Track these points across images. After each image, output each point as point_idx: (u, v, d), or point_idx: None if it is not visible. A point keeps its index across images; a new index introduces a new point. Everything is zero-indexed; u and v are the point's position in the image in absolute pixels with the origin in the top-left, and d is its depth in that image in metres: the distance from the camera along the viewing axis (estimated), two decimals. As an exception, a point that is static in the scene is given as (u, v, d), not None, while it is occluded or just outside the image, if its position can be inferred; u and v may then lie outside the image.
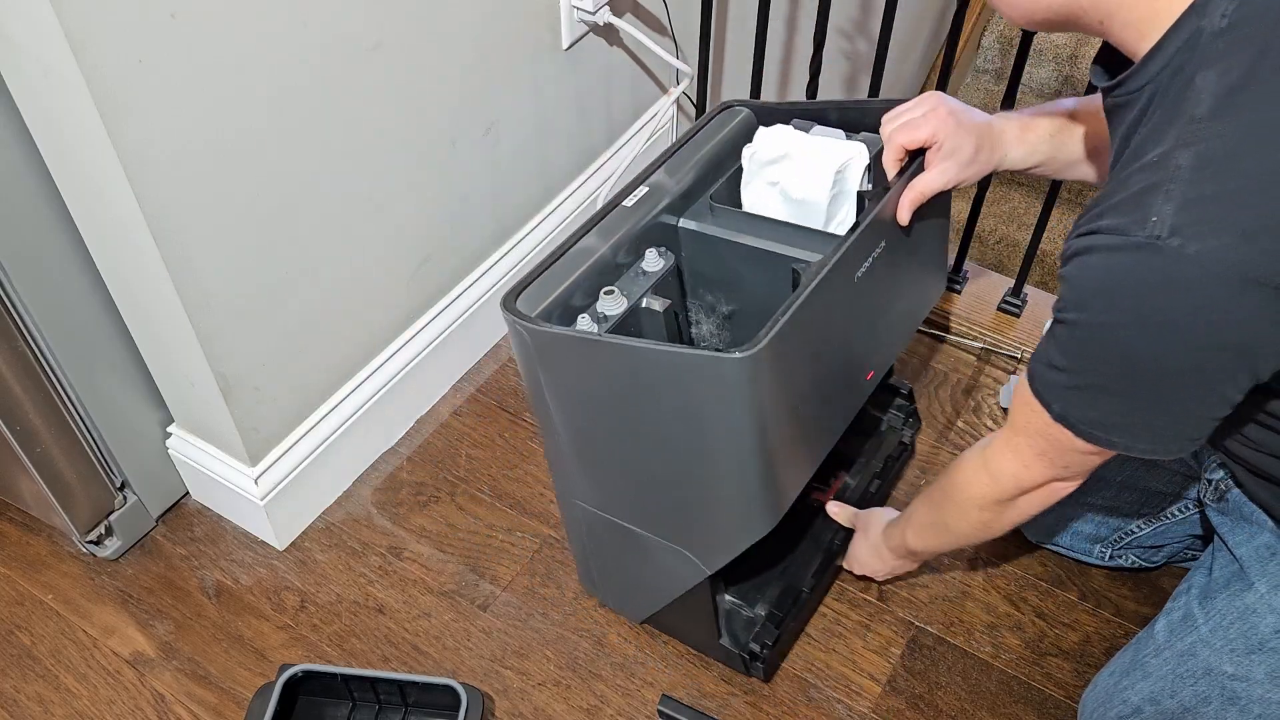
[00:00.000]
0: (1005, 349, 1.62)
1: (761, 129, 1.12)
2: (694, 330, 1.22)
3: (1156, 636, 1.07)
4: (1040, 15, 0.83)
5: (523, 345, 0.97)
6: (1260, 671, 0.97)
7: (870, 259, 1.01)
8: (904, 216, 1.03)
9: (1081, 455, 0.88)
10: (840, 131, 1.13)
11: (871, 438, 1.42)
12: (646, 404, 0.95)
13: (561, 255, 1.01)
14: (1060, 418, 0.85)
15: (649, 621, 1.30)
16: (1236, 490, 1.04)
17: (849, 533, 1.29)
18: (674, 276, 1.09)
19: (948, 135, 1.02)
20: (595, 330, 0.98)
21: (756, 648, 1.22)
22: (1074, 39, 3.06)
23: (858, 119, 1.14)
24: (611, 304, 1.00)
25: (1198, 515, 1.21)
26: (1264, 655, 0.97)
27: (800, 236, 1.08)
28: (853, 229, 0.98)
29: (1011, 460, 0.94)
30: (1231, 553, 1.03)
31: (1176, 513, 1.22)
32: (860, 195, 1.09)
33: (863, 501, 1.34)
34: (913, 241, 1.10)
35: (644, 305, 1.04)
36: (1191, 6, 0.73)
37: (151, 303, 1.13)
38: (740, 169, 1.16)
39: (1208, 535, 1.27)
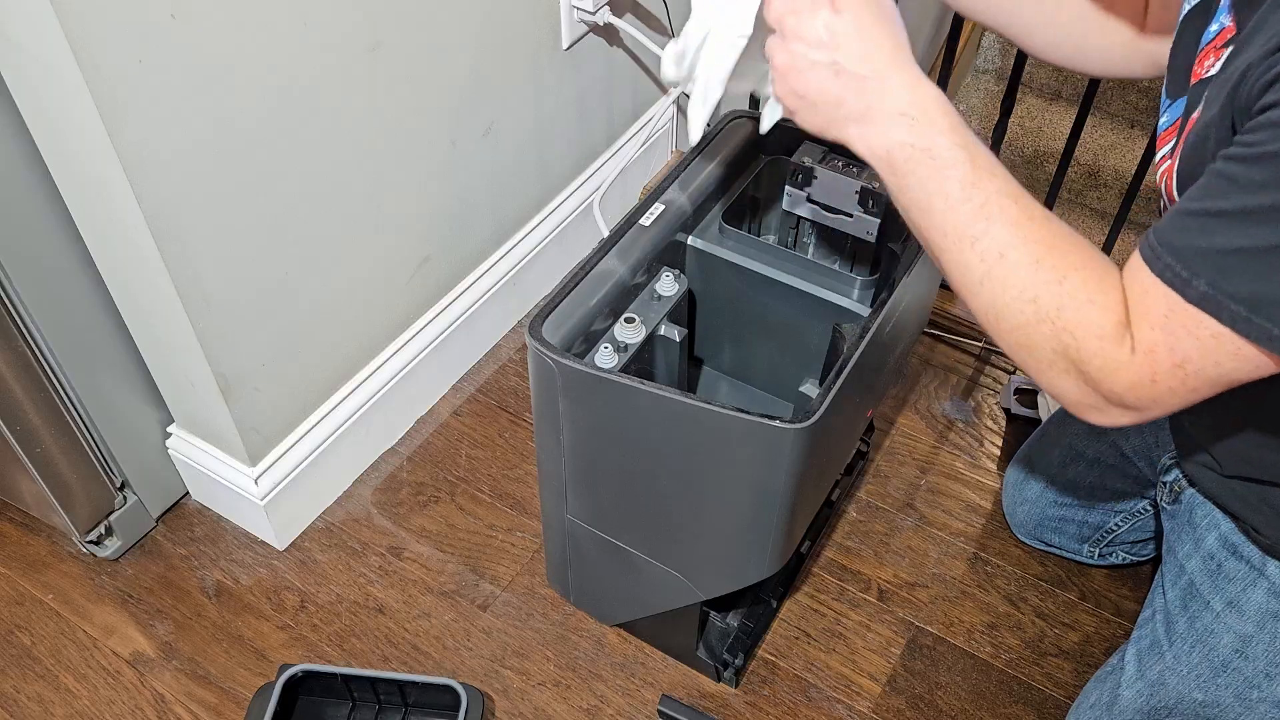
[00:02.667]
0: (1005, 349, 1.62)
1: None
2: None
3: (1127, 667, 1.05)
4: None
5: (545, 373, 0.96)
6: (1228, 695, 0.96)
7: (898, 311, 1.03)
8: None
9: (1221, 366, 0.65)
10: None
11: None
12: (678, 450, 0.95)
13: (583, 278, 1.02)
14: (1206, 300, 0.63)
15: (622, 626, 1.30)
16: (1191, 490, 1.01)
17: (817, 537, 1.27)
18: (684, 299, 1.10)
19: None
20: (615, 360, 0.99)
21: (731, 658, 1.24)
22: (1074, 39, 3.05)
23: None
24: (631, 333, 1.02)
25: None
26: (1228, 676, 0.95)
27: (808, 269, 1.08)
28: (890, 289, 1.00)
29: (1130, 360, 0.68)
30: (1181, 565, 1.01)
31: (1149, 508, 1.23)
32: (891, 250, 1.09)
33: (819, 512, 1.33)
34: (923, 285, 1.12)
35: (660, 333, 1.05)
36: None
37: (151, 303, 1.13)
38: (747, 188, 1.17)
39: None
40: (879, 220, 1.11)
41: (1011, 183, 0.72)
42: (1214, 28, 0.78)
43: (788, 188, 1.15)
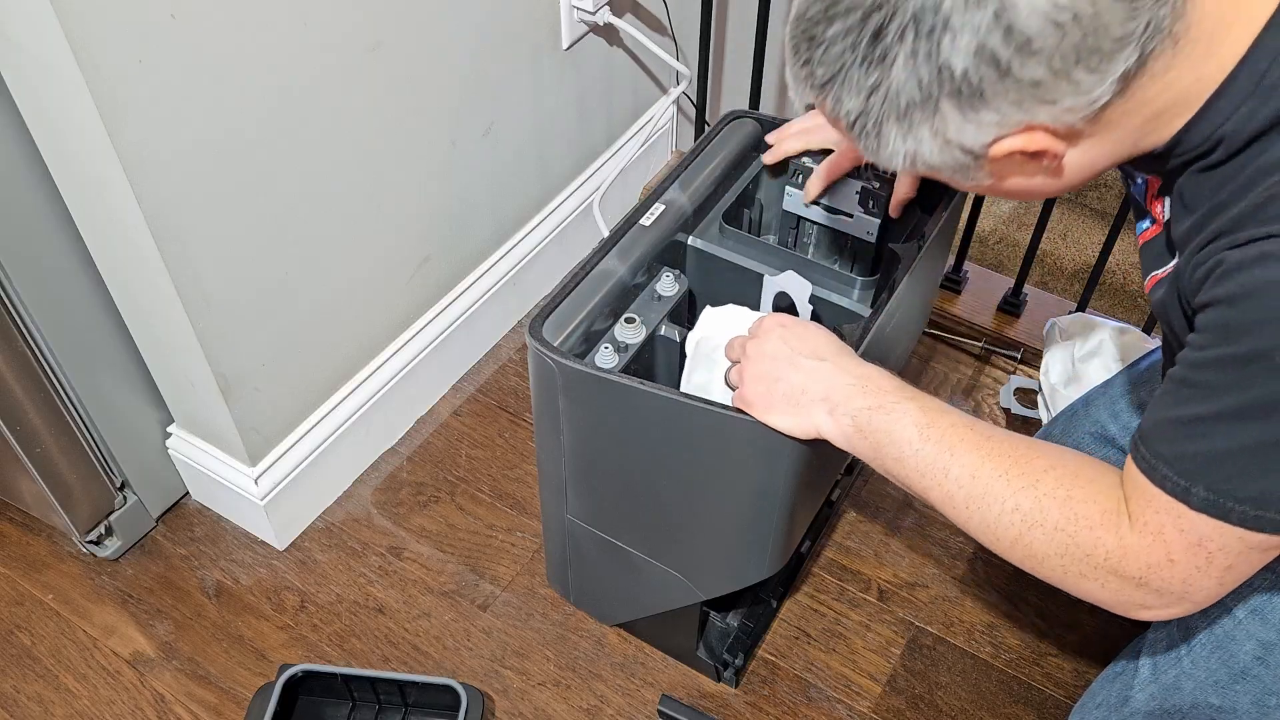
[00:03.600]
0: (1005, 349, 1.62)
1: (708, 310, 1.03)
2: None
3: (1141, 670, 1.04)
4: (1101, 166, 0.73)
5: (545, 373, 0.96)
6: (1245, 701, 0.95)
7: (898, 311, 1.03)
8: (897, 213, 1.10)
9: (1249, 554, 0.70)
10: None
11: None
12: (678, 450, 0.95)
13: (583, 278, 1.01)
14: (1209, 505, 0.68)
15: (622, 626, 1.30)
16: None
17: (817, 537, 1.26)
18: (684, 299, 1.10)
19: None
20: (615, 360, 0.99)
21: (731, 658, 1.24)
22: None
23: None
24: (631, 333, 1.02)
25: None
26: (1247, 683, 0.94)
27: (808, 269, 1.09)
28: (890, 289, 0.99)
29: (1150, 550, 0.72)
30: None
31: None
32: (891, 250, 1.09)
33: (819, 512, 1.32)
34: (923, 285, 1.11)
35: (660, 333, 1.05)
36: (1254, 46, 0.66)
37: (151, 303, 1.13)
38: (748, 188, 1.17)
39: None
40: (879, 220, 1.11)
41: (963, 415, 0.81)
42: (1139, 181, 0.84)
43: (788, 188, 1.15)
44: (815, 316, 1.10)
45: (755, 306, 1.15)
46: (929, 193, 1.12)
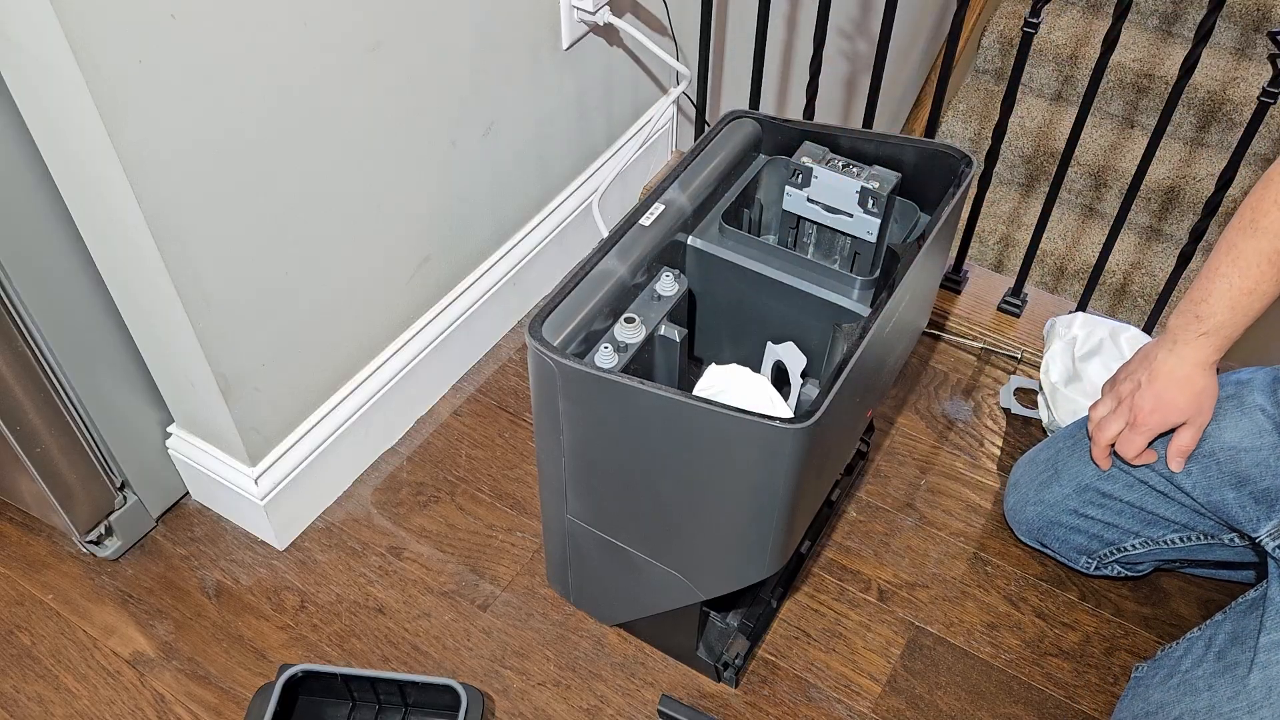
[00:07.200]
0: (1005, 349, 1.62)
1: (713, 367, 1.07)
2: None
3: (1252, 692, 1.01)
4: None
5: (545, 374, 0.96)
6: None
7: (898, 311, 1.03)
8: (1177, 466, 1.15)
9: None
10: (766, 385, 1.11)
11: None
12: (678, 450, 0.95)
13: (583, 278, 1.01)
14: None
15: (622, 626, 1.30)
16: None
17: (817, 537, 1.27)
18: (684, 299, 1.10)
19: (1167, 422, 1.13)
20: (615, 360, 0.99)
21: (731, 658, 1.24)
22: (1074, 39, 3.06)
23: (873, 151, 1.14)
24: (631, 333, 1.02)
25: (1198, 546, 1.21)
26: None
27: (808, 269, 1.08)
28: (890, 289, 0.99)
29: None
30: None
31: (1175, 540, 1.22)
32: (891, 250, 1.09)
33: (819, 512, 1.32)
34: (923, 286, 1.11)
35: (660, 333, 1.05)
36: None
37: (151, 303, 1.13)
38: (747, 188, 1.17)
39: (1197, 561, 1.26)
40: (879, 220, 1.11)
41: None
42: None
43: (788, 188, 1.15)
44: (812, 329, 1.09)
45: (754, 309, 1.15)
46: (928, 192, 1.12)
